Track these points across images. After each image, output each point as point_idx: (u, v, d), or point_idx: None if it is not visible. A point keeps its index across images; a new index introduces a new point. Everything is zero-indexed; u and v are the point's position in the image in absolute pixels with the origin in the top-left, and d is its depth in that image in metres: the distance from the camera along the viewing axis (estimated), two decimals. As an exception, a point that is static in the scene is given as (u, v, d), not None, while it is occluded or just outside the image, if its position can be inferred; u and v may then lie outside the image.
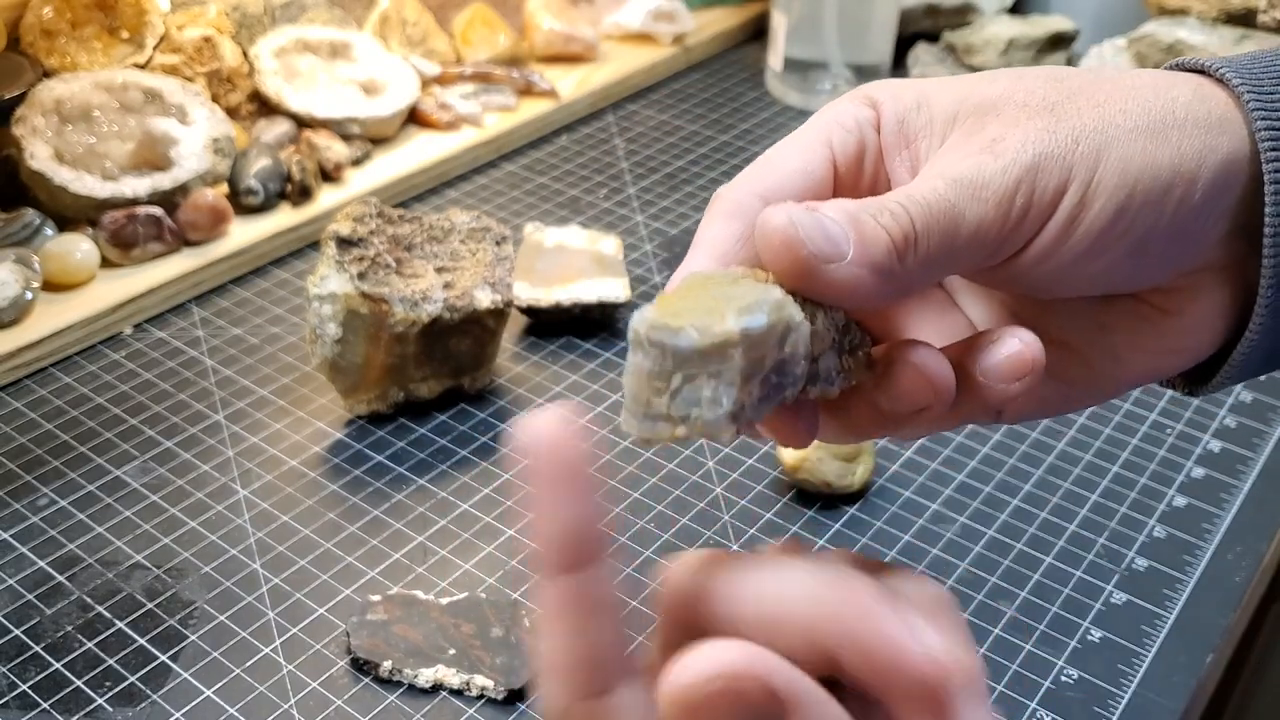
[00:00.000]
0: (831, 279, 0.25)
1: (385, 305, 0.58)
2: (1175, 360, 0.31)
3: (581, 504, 0.22)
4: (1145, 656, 0.50)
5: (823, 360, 0.26)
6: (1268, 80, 0.29)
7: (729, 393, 0.23)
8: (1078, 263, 0.28)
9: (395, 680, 0.48)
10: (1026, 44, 0.94)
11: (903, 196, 0.27)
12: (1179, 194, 0.28)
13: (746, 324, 0.23)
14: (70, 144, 0.72)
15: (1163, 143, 0.28)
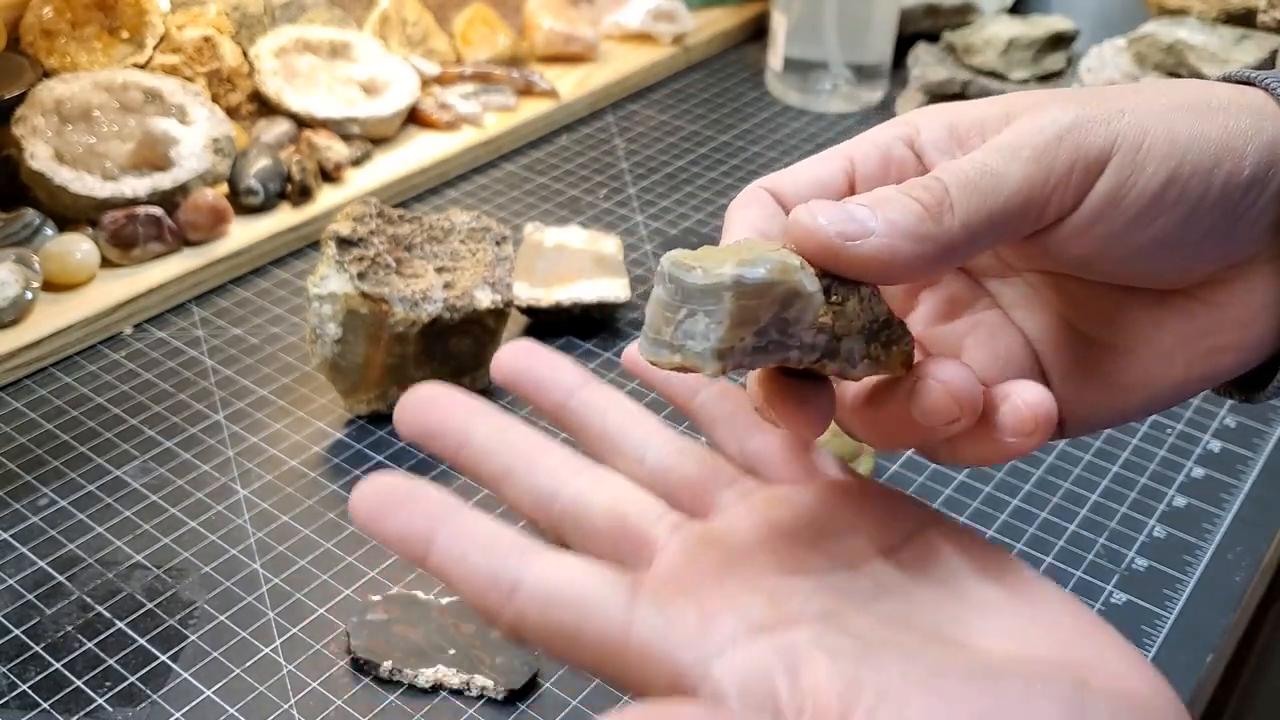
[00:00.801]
0: (857, 254, 0.26)
1: (385, 305, 0.58)
2: (1228, 360, 0.30)
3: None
4: (1145, 656, 0.50)
5: (846, 341, 0.27)
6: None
7: (717, 330, 0.25)
8: (1130, 229, 0.28)
9: (395, 680, 0.48)
10: (1026, 44, 0.94)
11: (937, 170, 0.27)
12: (1227, 168, 0.28)
13: (742, 273, 0.25)
14: (70, 144, 0.72)
15: (1208, 120, 0.28)
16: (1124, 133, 0.28)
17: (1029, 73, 0.94)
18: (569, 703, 0.47)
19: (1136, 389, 0.30)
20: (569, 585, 0.26)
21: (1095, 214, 0.28)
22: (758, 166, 0.88)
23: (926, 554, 0.29)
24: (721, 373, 0.25)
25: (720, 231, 0.83)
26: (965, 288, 0.33)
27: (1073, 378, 0.31)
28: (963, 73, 0.94)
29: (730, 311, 0.25)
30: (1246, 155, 0.28)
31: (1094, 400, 0.31)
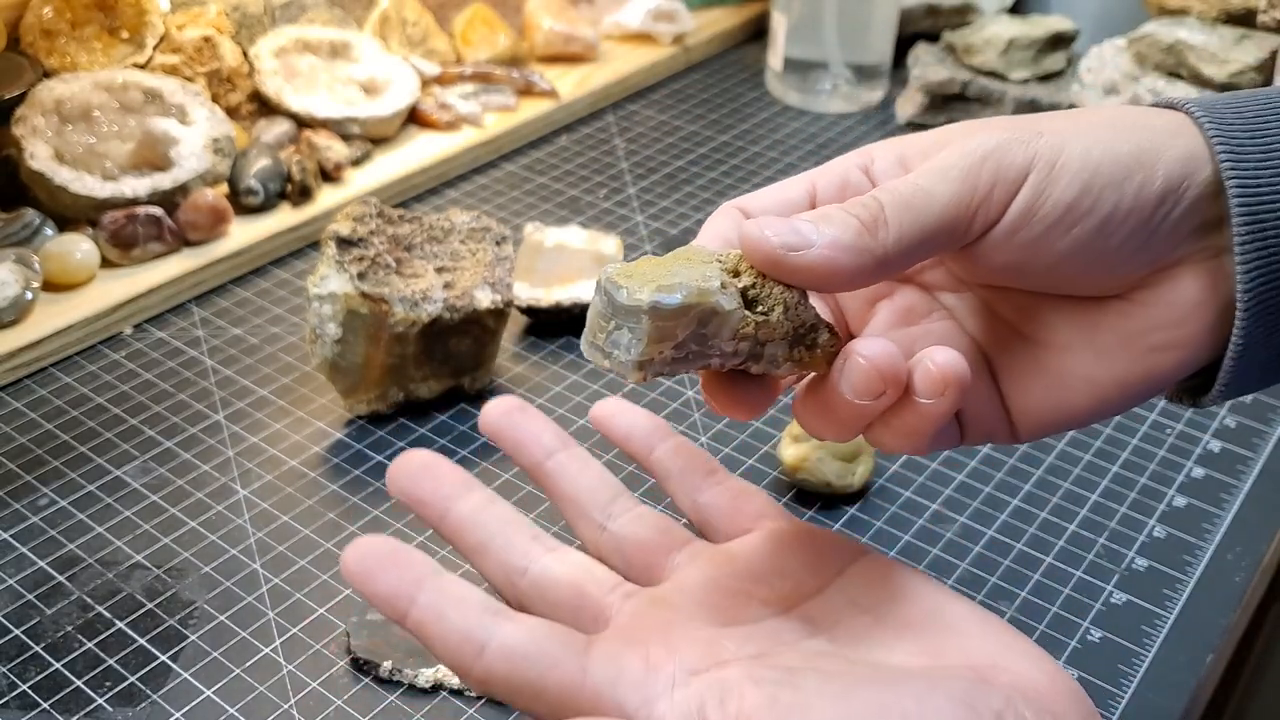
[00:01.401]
0: (799, 263, 0.29)
1: (385, 305, 0.58)
2: (1169, 358, 0.32)
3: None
4: (1145, 656, 0.50)
5: (770, 346, 0.30)
6: (1220, 105, 0.32)
7: (637, 346, 0.29)
8: (1049, 236, 0.31)
9: (395, 680, 0.48)
10: (1027, 44, 0.94)
11: (876, 190, 0.31)
12: (1139, 179, 0.30)
13: (657, 299, 0.28)
14: (70, 144, 0.72)
15: (1122, 138, 0.31)
16: (1041, 151, 0.31)
17: (1029, 73, 0.94)
18: (569, 703, 0.47)
19: (1080, 386, 0.33)
20: (532, 643, 0.29)
21: (1016, 224, 0.30)
22: (757, 166, 0.88)
23: (852, 589, 0.32)
24: (642, 380, 0.29)
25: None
26: (920, 299, 0.35)
27: (1021, 378, 0.33)
28: (963, 73, 0.94)
29: (648, 330, 0.28)
30: (1159, 168, 0.31)
31: (1042, 399, 0.33)
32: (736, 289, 0.30)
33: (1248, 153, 0.31)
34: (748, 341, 0.30)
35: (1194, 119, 0.32)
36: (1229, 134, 0.31)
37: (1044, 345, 0.33)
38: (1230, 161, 0.30)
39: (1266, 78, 0.81)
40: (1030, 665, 0.30)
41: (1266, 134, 0.31)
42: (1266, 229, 0.30)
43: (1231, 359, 0.32)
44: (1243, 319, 0.31)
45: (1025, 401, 0.34)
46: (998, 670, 0.29)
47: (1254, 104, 0.32)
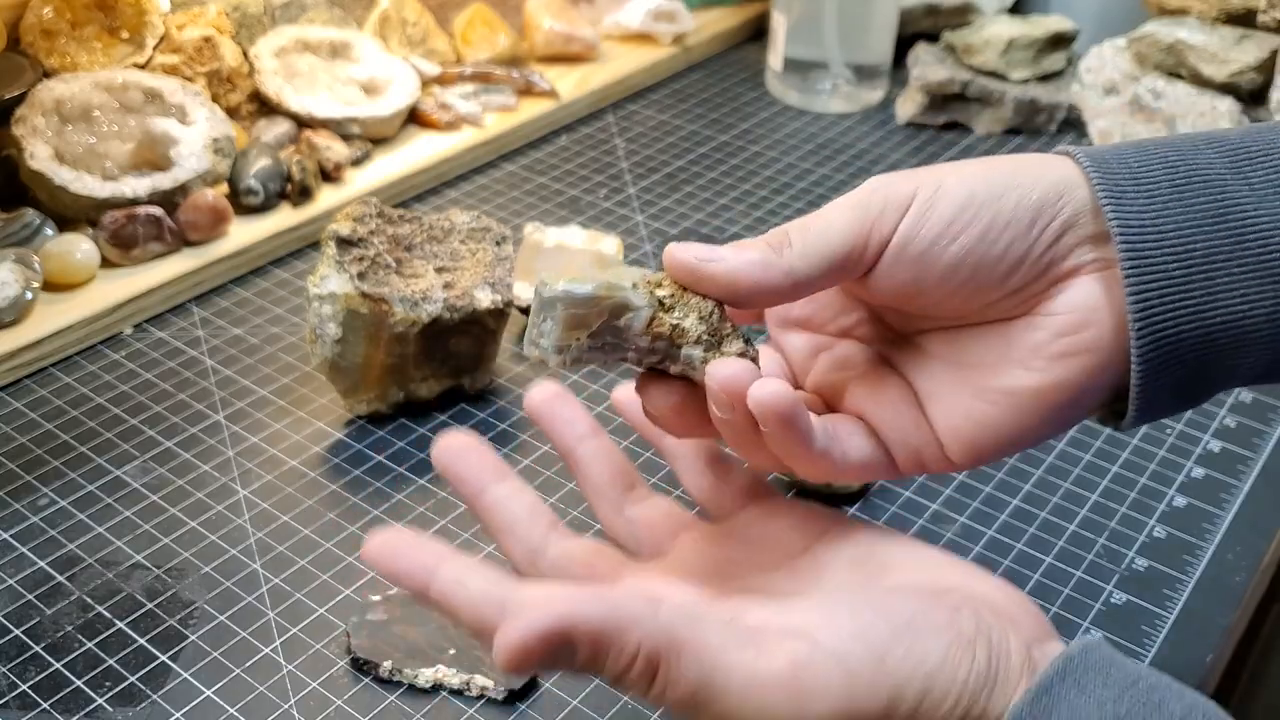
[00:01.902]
0: (709, 271, 0.34)
1: (385, 305, 0.58)
2: (1078, 363, 0.34)
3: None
4: (1145, 656, 0.50)
5: (686, 348, 0.34)
6: (1102, 149, 0.35)
7: (553, 332, 0.33)
8: (935, 246, 0.34)
9: (395, 680, 0.48)
10: (1026, 44, 0.94)
11: (786, 225, 0.35)
12: (1016, 194, 0.34)
13: (568, 288, 0.32)
14: (70, 144, 0.72)
15: (999, 166, 0.35)
16: (924, 180, 0.35)
17: (1029, 73, 0.94)
18: (569, 703, 0.47)
19: (999, 399, 0.35)
20: (555, 595, 0.31)
21: (905, 239, 0.34)
22: (757, 166, 0.88)
23: (833, 545, 0.36)
24: (563, 365, 0.33)
25: (717, 232, 0.83)
26: (856, 351, 0.39)
27: (945, 400, 0.36)
28: (962, 73, 0.94)
29: (562, 318, 0.32)
30: (1035, 186, 0.34)
31: (966, 417, 0.36)
32: (651, 293, 0.34)
33: (1124, 186, 0.34)
34: (663, 341, 0.34)
35: (1071, 156, 0.35)
36: (1104, 168, 0.34)
37: (965, 366, 0.36)
38: (1105, 190, 0.34)
39: (1266, 77, 0.81)
40: (995, 588, 0.34)
41: (1143, 168, 0.34)
42: (1150, 262, 0.33)
43: (1136, 385, 0.34)
44: (1137, 348, 0.33)
45: (952, 423, 0.36)
46: (962, 589, 0.33)
47: (1135, 152, 0.35)
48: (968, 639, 0.31)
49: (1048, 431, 0.36)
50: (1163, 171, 0.34)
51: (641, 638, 0.29)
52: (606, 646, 0.29)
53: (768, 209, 0.83)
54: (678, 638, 0.30)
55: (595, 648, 0.29)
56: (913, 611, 0.32)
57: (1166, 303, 0.33)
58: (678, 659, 0.30)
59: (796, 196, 0.84)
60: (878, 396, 0.37)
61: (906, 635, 0.31)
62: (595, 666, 0.30)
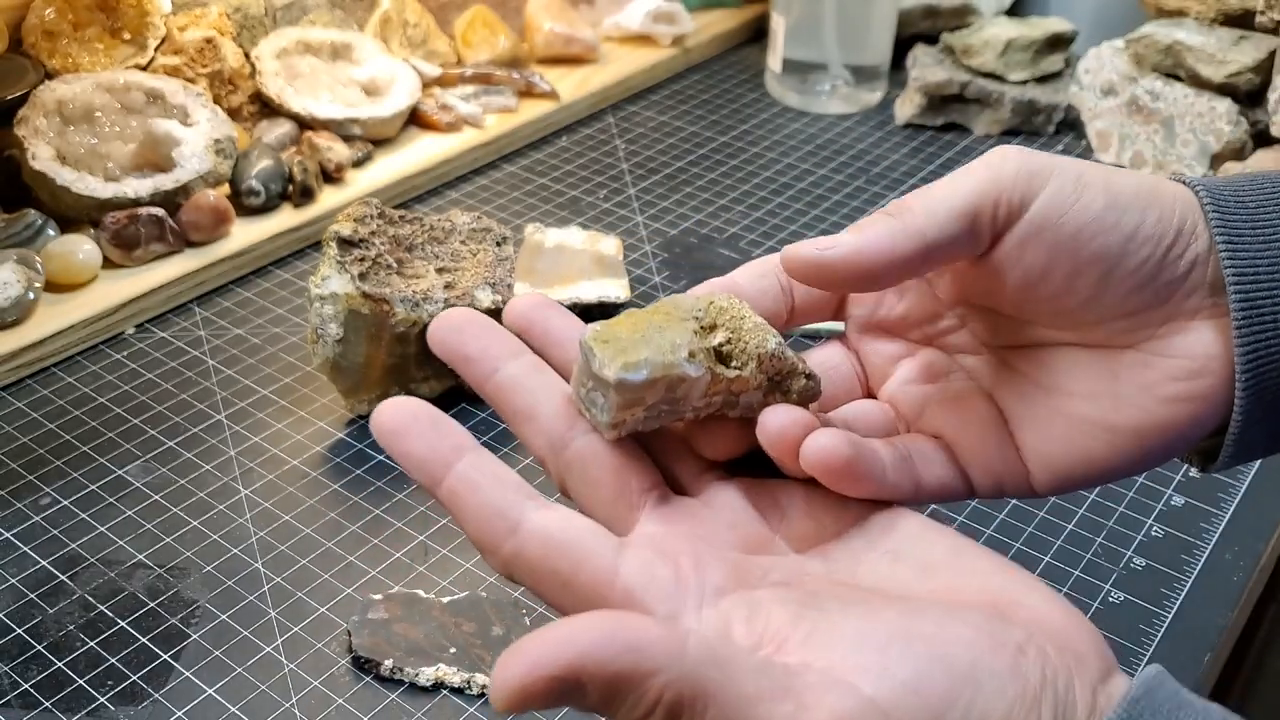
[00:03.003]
0: (833, 256, 0.31)
1: (386, 305, 0.58)
2: (1185, 410, 0.33)
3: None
4: (1144, 655, 0.50)
5: (745, 396, 0.32)
6: (1221, 187, 0.33)
7: (608, 410, 0.30)
8: (1077, 239, 0.32)
9: (396, 679, 0.48)
10: (1025, 45, 0.94)
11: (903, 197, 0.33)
12: (1158, 211, 0.32)
13: (622, 377, 0.30)
14: (72, 145, 0.72)
15: (1141, 177, 0.33)
16: (1064, 164, 0.32)
17: (1027, 74, 0.94)
18: (569, 701, 0.48)
19: (1099, 434, 0.33)
20: (568, 531, 0.29)
21: (1045, 218, 0.32)
22: (757, 167, 0.88)
23: (872, 533, 0.32)
24: (618, 436, 0.31)
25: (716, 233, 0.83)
26: (940, 359, 0.36)
27: (1039, 426, 0.34)
28: (961, 74, 0.94)
29: (616, 401, 0.30)
30: (1174, 209, 0.32)
31: (1061, 447, 0.34)
32: (708, 349, 0.31)
33: (1241, 230, 0.32)
34: (720, 395, 0.32)
35: (1196, 196, 0.33)
36: (1221, 207, 0.32)
37: (1063, 393, 0.34)
38: (1227, 249, 0.32)
39: (1264, 78, 0.81)
40: (1049, 606, 0.30)
41: (1263, 222, 0.32)
42: (1263, 313, 0.32)
43: (1233, 434, 0.33)
44: (1241, 398, 0.32)
45: (1044, 450, 0.34)
46: (1018, 607, 0.29)
47: (1254, 191, 0.33)
48: (1033, 694, 0.27)
49: (1139, 469, 0.34)
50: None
51: (665, 684, 0.26)
52: (625, 692, 0.26)
53: (767, 209, 0.83)
54: (706, 687, 0.26)
55: (611, 691, 0.26)
56: (973, 657, 0.27)
57: (1275, 357, 0.32)
58: (704, 710, 0.26)
59: (796, 197, 0.84)
60: (962, 414, 0.35)
61: (967, 690, 0.27)
62: (608, 710, 0.26)
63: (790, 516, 0.33)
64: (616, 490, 0.32)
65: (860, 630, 0.28)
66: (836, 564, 0.32)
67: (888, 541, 0.32)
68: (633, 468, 0.32)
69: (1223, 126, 0.81)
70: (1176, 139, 0.84)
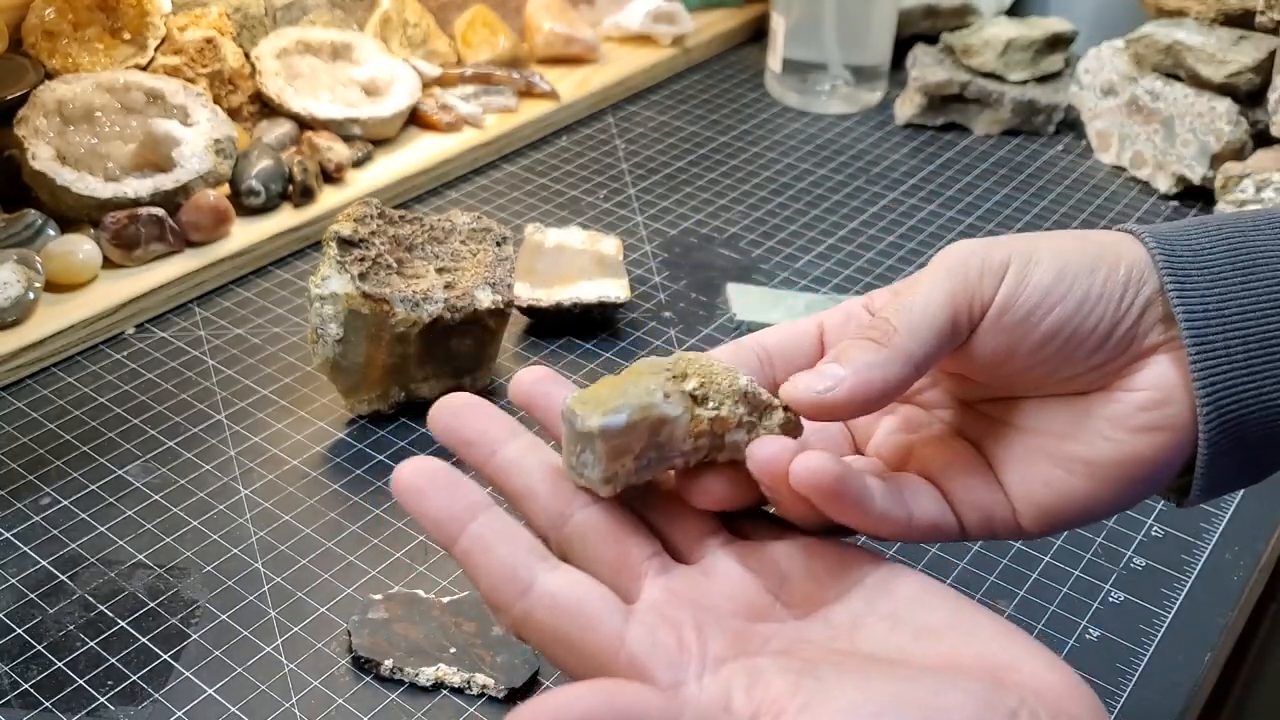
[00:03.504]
0: (838, 399, 0.33)
1: (387, 305, 0.58)
2: (1160, 439, 0.34)
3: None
4: (1143, 655, 0.50)
5: (729, 435, 0.33)
6: (1164, 227, 0.36)
7: (598, 466, 0.32)
8: (1033, 315, 0.34)
9: (396, 679, 0.48)
10: (1025, 45, 0.94)
11: (880, 310, 0.35)
12: (1105, 270, 0.34)
13: (604, 422, 0.31)
14: (72, 145, 0.72)
15: (1085, 241, 0.35)
16: (1016, 247, 0.35)
17: (1027, 74, 0.94)
18: (569, 701, 0.48)
19: (1079, 469, 0.35)
20: (577, 597, 0.30)
21: (1004, 306, 0.34)
22: (757, 167, 0.88)
23: (871, 595, 0.33)
24: (614, 493, 0.32)
25: (716, 233, 0.83)
26: (918, 414, 0.38)
27: (1021, 466, 0.36)
28: (961, 74, 0.94)
29: (604, 451, 0.31)
30: (1120, 264, 0.35)
31: (1045, 486, 0.35)
32: (682, 393, 0.33)
33: (1189, 270, 0.34)
34: (705, 437, 0.33)
35: (1138, 238, 0.35)
36: (1169, 250, 0.35)
37: (1039, 434, 0.36)
38: (1170, 275, 0.34)
39: (1264, 78, 0.81)
40: (1047, 670, 0.30)
41: (1206, 251, 0.34)
42: (1214, 346, 0.34)
43: (1201, 466, 0.34)
44: (1205, 428, 0.34)
45: (1027, 489, 0.36)
46: (1014, 671, 0.30)
47: (1198, 233, 0.35)
48: None
49: (1122, 504, 0.35)
50: (1225, 254, 0.34)
51: None
52: None
53: (767, 210, 0.83)
54: None
55: None
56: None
57: (1232, 387, 0.33)
58: None
59: (796, 197, 0.84)
60: (946, 457, 0.36)
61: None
62: None
63: (790, 579, 0.34)
64: (617, 560, 0.33)
65: (855, 699, 0.28)
66: (836, 629, 0.32)
67: (887, 604, 0.32)
68: (631, 538, 0.33)
69: (1223, 126, 0.81)
70: (1176, 139, 0.84)
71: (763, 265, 0.77)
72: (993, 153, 0.92)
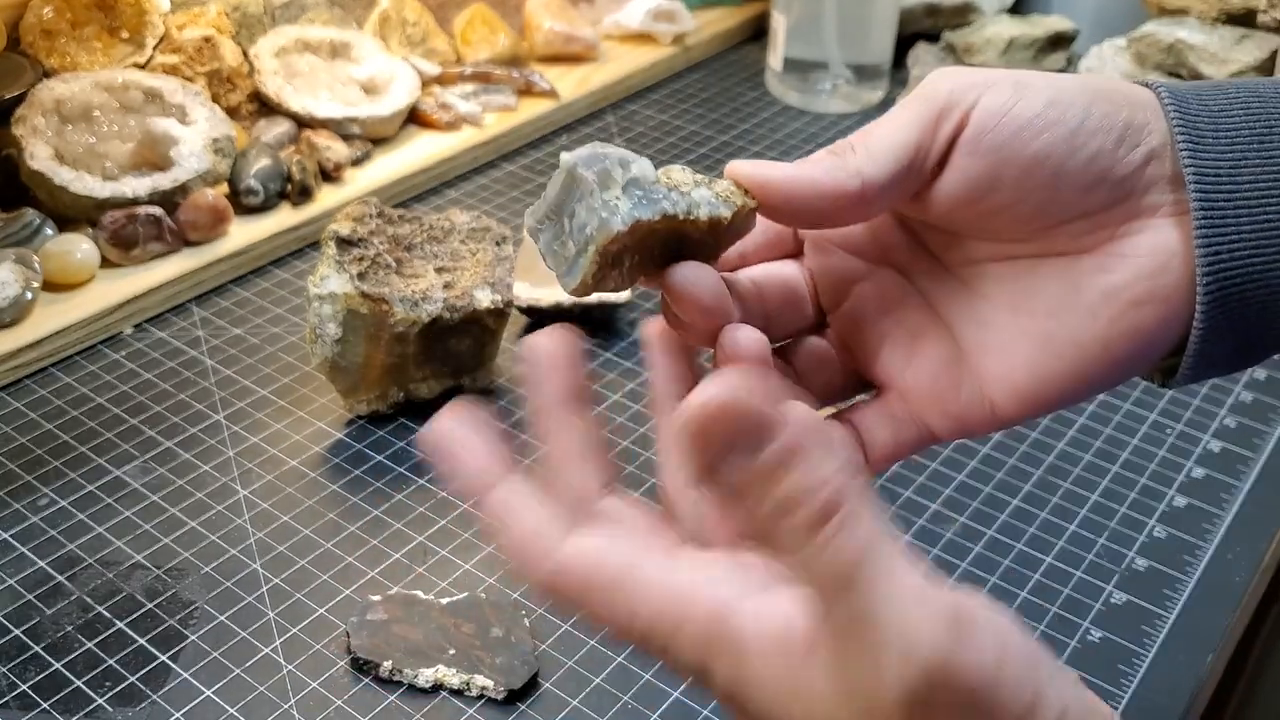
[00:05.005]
0: (770, 181, 0.32)
1: (385, 305, 0.58)
2: (1150, 313, 0.32)
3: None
4: (1145, 656, 0.50)
5: (695, 192, 0.31)
6: (1185, 91, 0.33)
7: (583, 268, 0.33)
8: (1019, 137, 0.31)
9: (395, 680, 0.48)
10: (1027, 44, 0.94)
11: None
12: (1104, 107, 0.32)
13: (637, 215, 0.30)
14: (70, 144, 0.72)
15: (1089, 78, 0.33)
16: (999, 73, 0.32)
17: (1029, 73, 0.94)
18: (569, 703, 0.47)
19: (1066, 351, 0.33)
20: (615, 540, 0.29)
21: (983, 126, 0.32)
22: (758, 166, 0.88)
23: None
24: (594, 275, 0.33)
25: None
26: (895, 285, 0.35)
27: (1004, 352, 0.33)
28: (963, 73, 0.94)
29: (596, 256, 0.32)
30: (1124, 105, 0.32)
31: (1027, 370, 0.33)
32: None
33: (1202, 130, 0.32)
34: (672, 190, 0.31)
35: (1152, 89, 0.33)
36: (1184, 107, 0.32)
37: (1025, 312, 0.33)
38: (1183, 133, 0.32)
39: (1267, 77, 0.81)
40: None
41: (1224, 125, 0.32)
42: (1224, 214, 0.31)
43: (1195, 342, 0.32)
44: (1203, 301, 0.31)
45: (1009, 377, 0.34)
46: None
47: (1216, 94, 0.33)
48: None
49: (1109, 383, 0.34)
50: (1244, 118, 0.32)
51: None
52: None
53: (768, 209, 0.83)
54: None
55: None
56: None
57: (1236, 262, 0.31)
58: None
59: (796, 196, 0.84)
60: (918, 358, 0.34)
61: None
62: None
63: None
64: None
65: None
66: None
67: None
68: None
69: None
70: (1178, 138, 0.84)
71: (763, 264, 0.77)
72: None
